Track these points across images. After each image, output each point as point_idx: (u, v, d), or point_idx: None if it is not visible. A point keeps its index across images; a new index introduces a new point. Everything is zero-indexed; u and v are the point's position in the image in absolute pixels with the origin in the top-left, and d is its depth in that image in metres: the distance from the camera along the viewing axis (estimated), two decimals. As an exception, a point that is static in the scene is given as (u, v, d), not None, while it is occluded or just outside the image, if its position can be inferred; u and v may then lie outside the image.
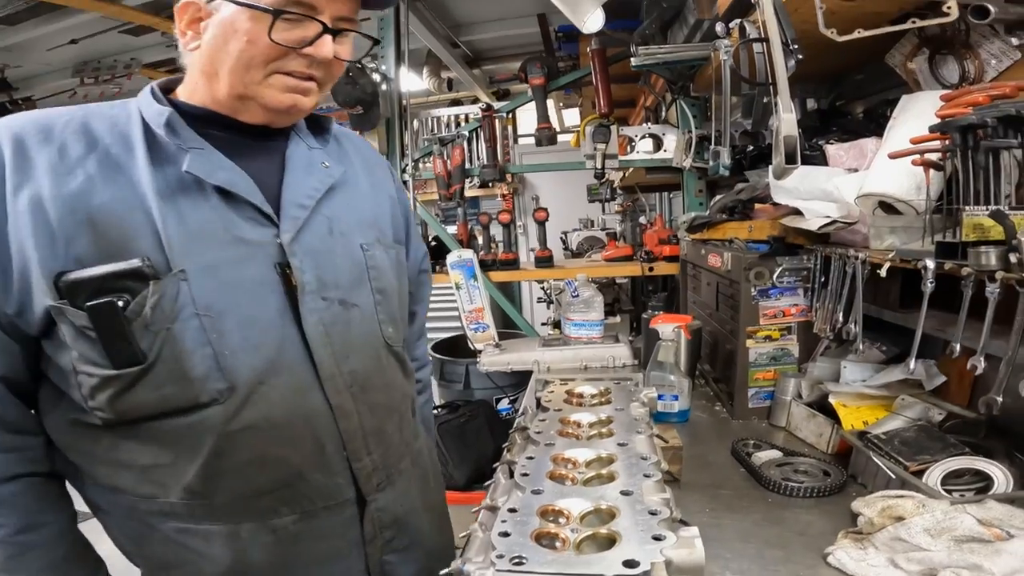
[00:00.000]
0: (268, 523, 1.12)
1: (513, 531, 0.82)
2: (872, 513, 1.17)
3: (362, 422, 1.17)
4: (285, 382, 1.07)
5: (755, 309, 1.88)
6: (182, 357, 1.00)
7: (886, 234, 1.56)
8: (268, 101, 1.09)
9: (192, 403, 1.02)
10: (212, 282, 1.02)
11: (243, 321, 1.04)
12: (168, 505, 1.08)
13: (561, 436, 1.15)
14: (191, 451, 1.04)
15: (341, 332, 1.13)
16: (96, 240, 0.97)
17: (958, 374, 1.61)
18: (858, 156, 1.87)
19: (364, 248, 1.23)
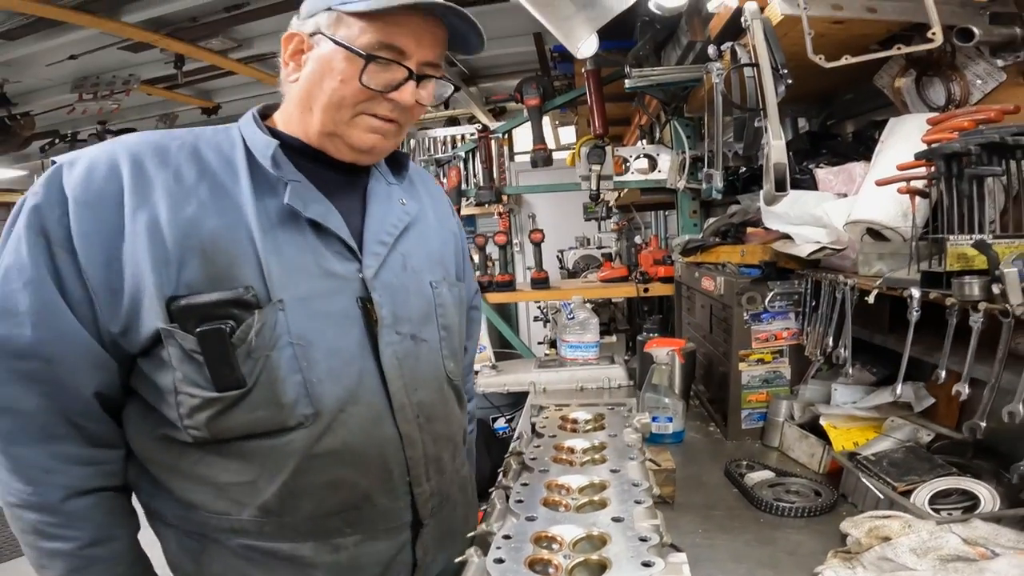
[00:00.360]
0: (332, 542, 1.16)
1: (508, 557, 0.85)
2: (859, 533, 1.20)
3: (425, 450, 1.22)
4: (362, 411, 1.13)
5: (747, 333, 1.91)
6: (277, 383, 1.06)
7: (874, 260, 1.59)
8: (353, 140, 1.16)
9: (280, 426, 1.07)
10: (305, 313, 1.08)
11: (329, 351, 1.10)
12: (239, 522, 1.13)
13: (555, 462, 1.18)
14: (273, 471, 1.09)
15: (411, 365, 1.19)
16: (205, 266, 1.03)
17: (947, 396, 1.64)
18: (847, 181, 1.91)
19: (433, 285, 1.29)
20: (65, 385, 1.04)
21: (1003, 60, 1.56)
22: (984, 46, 1.57)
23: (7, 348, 1.01)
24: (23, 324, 1.00)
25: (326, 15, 1.12)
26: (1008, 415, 1.12)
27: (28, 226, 1.02)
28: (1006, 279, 1.11)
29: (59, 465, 1.06)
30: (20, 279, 1.00)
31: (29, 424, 1.04)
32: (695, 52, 2.53)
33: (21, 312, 1.00)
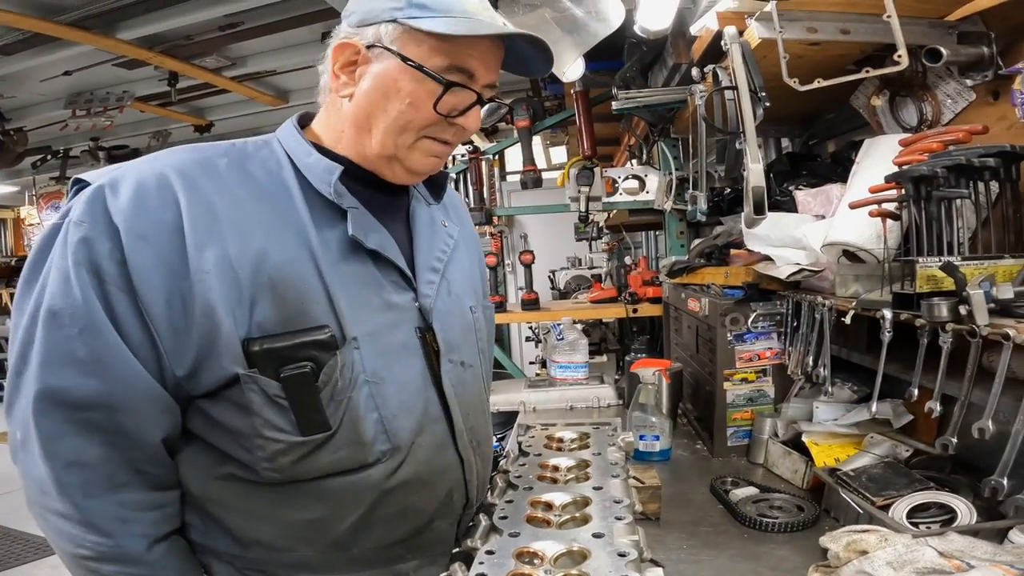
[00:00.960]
0: (392, 569, 1.14)
1: (489, 572, 0.87)
2: (838, 548, 1.23)
3: (478, 472, 1.22)
4: (429, 440, 1.12)
5: (731, 353, 1.95)
6: (358, 423, 1.03)
7: (850, 282, 1.65)
8: (412, 165, 1.10)
9: (361, 464, 1.05)
10: (375, 349, 1.05)
11: (399, 385, 1.08)
12: (304, 558, 1.09)
13: (540, 480, 1.21)
14: (350, 507, 1.07)
15: (463, 391, 1.18)
16: (277, 305, 0.97)
17: (924, 413, 1.66)
18: (825, 202, 1.97)
19: (472, 310, 1.26)
20: (130, 433, 0.97)
21: (972, 80, 1.61)
22: (953, 66, 1.63)
23: (69, 399, 0.93)
24: (84, 373, 0.92)
25: (391, 28, 1.03)
26: (978, 431, 1.16)
27: (77, 263, 0.92)
28: (972, 300, 1.15)
29: (133, 514, 0.99)
30: (76, 325, 0.91)
31: (96, 475, 0.96)
32: (680, 74, 2.58)
33: (80, 360, 0.92)
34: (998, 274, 1.27)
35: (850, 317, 1.57)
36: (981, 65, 1.58)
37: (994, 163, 1.34)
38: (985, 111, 1.60)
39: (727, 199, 2.69)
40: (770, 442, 1.88)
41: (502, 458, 1.40)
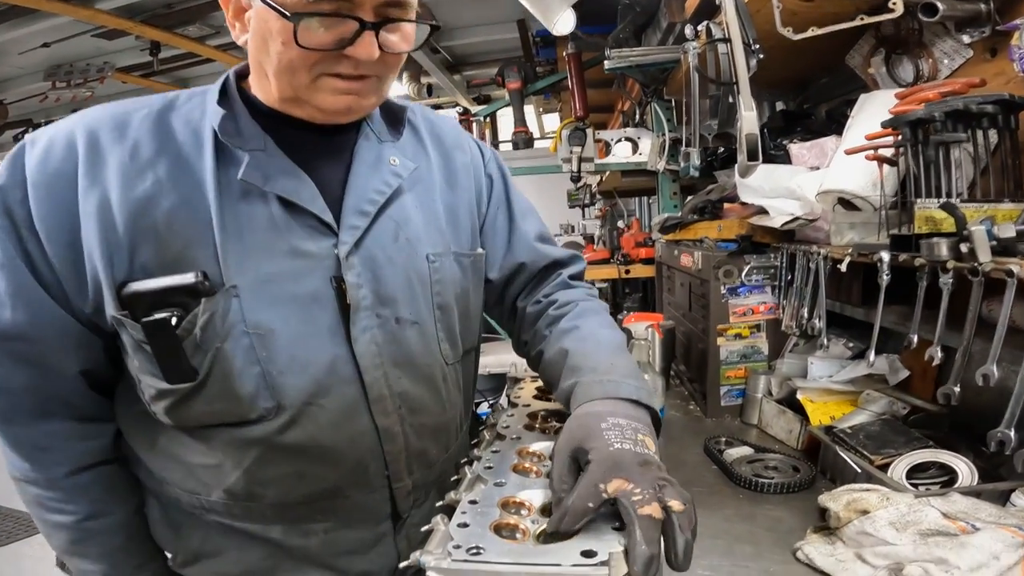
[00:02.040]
0: (301, 527, 1.11)
1: (472, 522, 0.82)
2: (838, 507, 1.18)
3: (407, 444, 1.12)
4: (333, 403, 1.03)
5: (725, 307, 1.90)
6: (231, 376, 0.97)
7: (846, 230, 1.59)
8: (321, 104, 0.99)
9: (241, 419, 1.00)
10: (264, 298, 0.97)
11: (293, 339, 0.99)
12: (209, 502, 1.09)
13: (528, 430, 1.15)
14: (236, 459, 1.03)
15: (394, 352, 1.07)
16: (160, 250, 0.94)
17: (921, 368, 1.63)
18: (819, 155, 1.91)
19: (430, 259, 1.13)
20: (51, 365, 1.00)
21: (969, 36, 1.53)
22: (950, 22, 1.55)
23: None
24: (5, 306, 0.96)
25: None
26: (982, 377, 1.10)
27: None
28: (974, 237, 1.09)
29: (54, 443, 1.05)
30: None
31: (21, 403, 1.02)
32: (674, 34, 2.52)
33: (1, 294, 0.96)
34: (997, 217, 1.21)
35: (846, 264, 1.50)
36: (978, 21, 1.51)
37: (993, 110, 1.28)
38: (982, 68, 1.53)
39: (720, 158, 2.63)
40: (764, 401, 1.83)
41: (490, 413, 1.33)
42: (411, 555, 0.77)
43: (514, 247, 1.31)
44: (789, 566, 1.18)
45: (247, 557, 1.13)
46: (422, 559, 0.75)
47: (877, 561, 1.09)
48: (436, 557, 0.75)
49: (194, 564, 1.15)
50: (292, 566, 1.14)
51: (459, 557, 0.74)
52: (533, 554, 0.75)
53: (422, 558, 0.75)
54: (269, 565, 1.13)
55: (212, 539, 1.13)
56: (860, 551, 1.12)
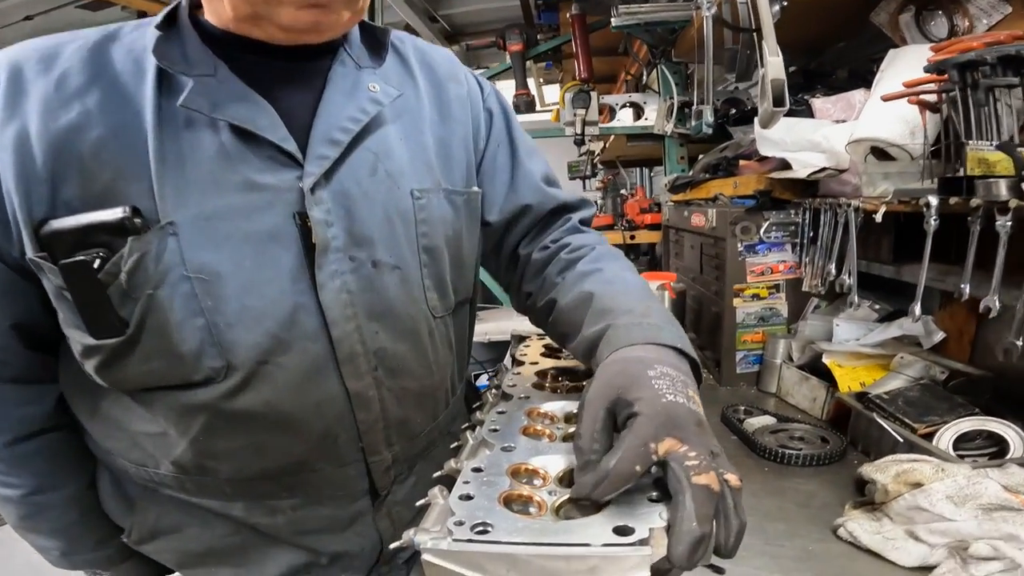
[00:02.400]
0: (265, 504, 0.96)
1: (477, 494, 0.66)
2: (886, 479, 1.03)
3: (384, 412, 0.95)
4: (294, 362, 0.85)
5: (742, 266, 1.73)
6: (169, 329, 0.79)
7: (879, 180, 1.44)
8: (283, 20, 0.80)
9: (184, 381, 0.83)
10: (209, 237, 0.79)
11: (245, 286, 0.81)
12: (158, 475, 0.95)
13: (537, 389, 0.99)
14: (181, 427, 0.87)
15: (370, 301, 0.89)
16: (85, 182, 0.77)
17: (957, 330, 1.47)
18: (846, 108, 1.75)
19: (416, 196, 0.94)
20: None
21: (1009, -10, 1.40)
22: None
23: None
24: None
25: None
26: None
27: None
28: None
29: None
30: None
31: None
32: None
33: None
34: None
35: (881, 214, 1.35)
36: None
37: (1047, 56, 1.14)
38: (1022, 25, 1.38)
39: (732, 119, 2.46)
40: (784, 367, 1.66)
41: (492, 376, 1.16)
42: (404, 534, 0.61)
43: (518, 187, 1.12)
44: (829, 544, 1.04)
45: (210, 534, 0.98)
46: (417, 538, 0.58)
47: (933, 539, 0.94)
48: (434, 536, 0.59)
49: (151, 541, 1.01)
50: (262, 543, 0.99)
51: (462, 536, 0.58)
52: (553, 532, 0.59)
53: (417, 537, 0.59)
54: (235, 542, 0.99)
55: (169, 514, 0.98)
56: (912, 528, 0.97)
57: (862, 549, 0.99)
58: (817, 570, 0.98)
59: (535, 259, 1.12)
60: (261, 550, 1.00)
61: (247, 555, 1.01)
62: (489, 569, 0.57)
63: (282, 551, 1.00)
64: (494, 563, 0.57)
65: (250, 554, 1.01)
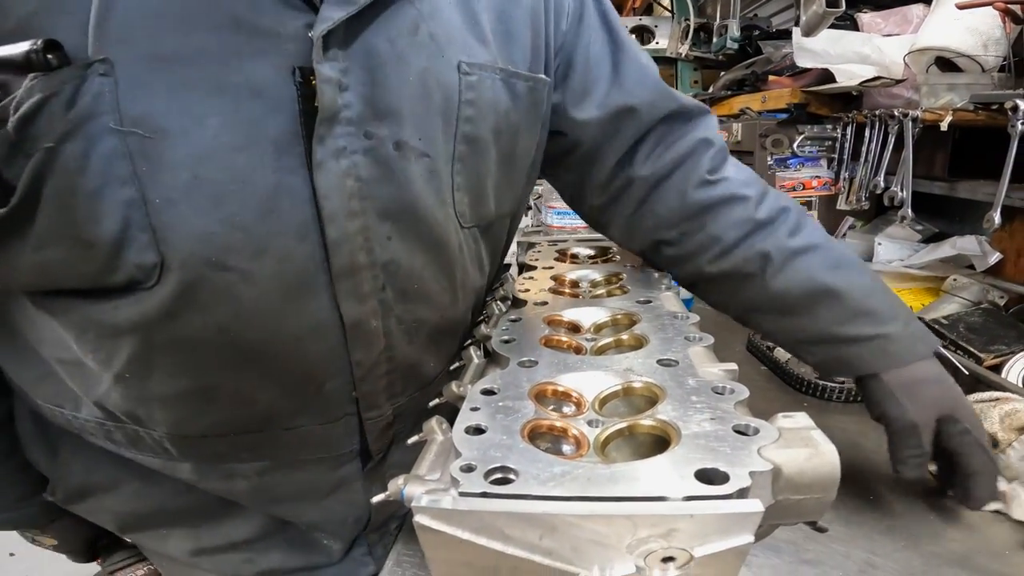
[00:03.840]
0: (220, 467, 0.69)
1: (491, 425, 0.43)
2: (991, 427, 0.80)
3: (390, 351, 0.66)
4: (267, 270, 0.55)
5: (771, 180, 1.48)
6: (75, 200, 0.50)
7: (943, 91, 1.20)
8: None
9: (94, 283, 0.54)
10: (160, 81, 0.50)
11: (202, 151, 0.52)
12: (78, 422, 0.68)
13: (555, 294, 0.75)
14: (100, 357, 0.59)
15: (386, 195, 0.59)
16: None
17: (1015, 251, 1.24)
18: (900, 23, 1.51)
19: (463, 69, 0.64)
20: None
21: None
22: None
23: None
24: None
25: None
26: None
27: None
28: None
29: None
30: None
31: None
32: None
33: None
34: None
35: (946, 123, 1.12)
36: None
37: None
38: None
39: (754, 40, 2.17)
40: (815, 289, 1.44)
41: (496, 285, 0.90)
42: (390, 483, 0.38)
43: (623, 80, 0.78)
44: (893, 497, 0.82)
45: (152, 494, 0.72)
46: (407, 491, 0.36)
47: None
48: (431, 489, 0.36)
49: (81, 501, 0.75)
50: (220, 507, 0.73)
51: (472, 488, 0.35)
52: (605, 480, 0.36)
53: (407, 489, 0.36)
54: (186, 504, 0.72)
55: (100, 468, 0.71)
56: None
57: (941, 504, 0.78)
58: (885, 523, 0.77)
59: (667, 193, 0.80)
60: (219, 513, 0.75)
61: (202, 518, 0.76)
62: (514, 535, 0.34)
63: (247, 514, 0.75)
64: (521, 527, 0.34)
65: (206, 518, 0.75)
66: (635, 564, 0.35)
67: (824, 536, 0.74)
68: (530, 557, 0.35)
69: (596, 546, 0.35)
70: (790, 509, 0.39)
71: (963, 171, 1.33)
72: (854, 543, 0.73)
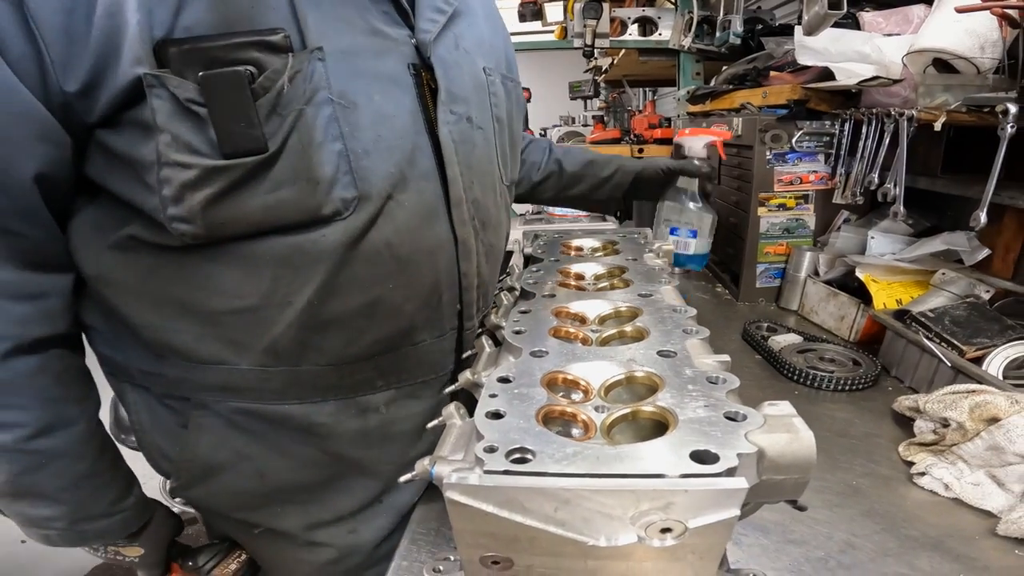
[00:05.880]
0: (358, 400, 0.83)
1: (509, 410, 0.48)
2: (960, 416, 0.85)
3: (479, 267, 0.89)
4: (414, 199, 0.78)
5: (769, 174, 1.52)
6: (311, 149, 0.69)
7: (938, 92, 1.24)
8: None
9: (311, 215, 0.71)
10: (348, 68, 0.72)
11: (377, 117, 0.74)
12: (236, 375, 0.77)
13: (562, 287, 0.80)
14: (292, 287, 0.73)
15: (468, 152, 0.85)
16: (216, 5, 0.63)
17: (1004, 247, 1.29)
18: (901, 22, 1.54)
19: (486, 71, 0.92)
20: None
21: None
22: None
23: None
24: None
25: None
26: None
27: None
28: None
29: None
30: None
31: None
32: None
33: None
34: None
35: (940, 124, 1.17)
36: None
37: None
38: None
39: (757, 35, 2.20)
40: (809, 281, 1.48)
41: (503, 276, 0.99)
42: (416, 464, 0.43)
43: None
44: (874, 479, 0.89)
45: (273, 470, 0.82)
46: (436, 470, 0.41)
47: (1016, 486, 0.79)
48: (458, 468, 0.41)
49: (203, 482, 0.83)
50: (329, 480, 0.86)
51: (495, 467, 0.40)
52: (612, 460, 0.42)
53: (436, 468, 0.41)
54: (300, 480, 0.84)
55: (227, 443, 0.80)
56: (993, 471, 0.81)
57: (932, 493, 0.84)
58: (865, 507, 0.83)
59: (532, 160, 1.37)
60: (328, 487, 0.86)
61: (314, 492, 0.86)
62: (532, 508, 0.39)
63: (351, 488, 0.87)
64: (539, 501, 0.39)
65: (317, 492, 0.86)
66: (637, 534, 0.40)
67: (808, 518, 0.80)
68: (546, 527, 0.40)
69: (603, 517, 0.40)
70: (773, 488, 0.44)
71: (956, 167, 1.37)
72: (836, 525, 0.79)
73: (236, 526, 0.89)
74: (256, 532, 0.88)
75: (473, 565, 0.45)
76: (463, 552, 0.44)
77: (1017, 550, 0.73)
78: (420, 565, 0.74)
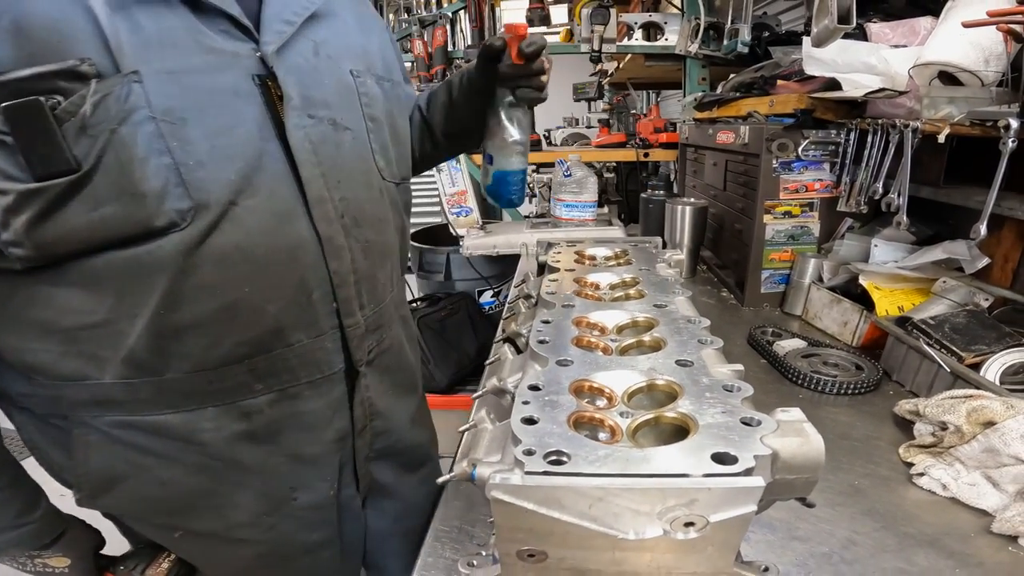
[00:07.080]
0: (237, 405, 0.85)
1: (541, 416, 0.52)
2: (958, 419, 0.90)
3: (354, 263, 0.92)
4: (264, 204, 0.80)
5: (775, 182, 1.57)
6: (131, 166, 0.70)
7: (943, 104, 1.27)
8: None
9: (142, 228, 0.72)
10: (174, 88, 0.73)
11: (214, 131, 0.75)
12: (103, 389, 0.79)
13: (578, 296, 0.85)
14: (135, 301, 0.75)
15: (331, 154, 0.87)
16: (19, 43, 0.65)
17: (1003, 256, 1.34)
18: (908, 34, 1.57)
19: (354, 74, 0.96)
20: None
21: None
22: None
23: None
24: None
25: None
26: None
27: None
28: None
29: None
30: None
31: None
32: None
33: None
34: None
35: (944, 136, 1.20)
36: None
37: None
38: None
39: (764, 42, 2.24)
40: (813, 288, 1.53)
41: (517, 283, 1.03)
42: (455, 466, 0.48)
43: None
44: (874, 480, 0.93)
45: (174, 475, 0.85)
46: (478, 472, 0.46)
47: (1010, 486, 0.83)
48: (498, 469, 0.45)
49: (107, 493, 0.85)
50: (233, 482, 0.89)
51: (534, 468, 0.45)
52: (640, 461, 0.46)
53: (478, 471, 0.46)
54: (203, 483, 0.87)
55: (119, 454, 0.83)
56: (989, 472, 0.85)
57: (930, 493, 0.89)
58: (866, 506, 0.87)
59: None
60: (239, 486, 0.90)
61: (222, 494, 0.90)
62: (568, 506, 0.44)
63: (258, 481, 0.91)
64: (575, 499, 0.44)
65: (226, 493, 0.90)
66: (663, 528, 0.45)
67: (812, 516, 0.84)
68: (580, 523, 0.45)
69: (633, 513, 0.44)
70: (785, 486, 0.48)
71: (959, 176, 1.41)
72: (838, 523, 0.83)
73: (156, 530, 0.92)
74: (177, 535, 0.91)
75: (510, 558, 0.49)
76: (501, 546, 0.49)
77: (1010, 547, 0.78)
78: (444, 561, 0.78)
